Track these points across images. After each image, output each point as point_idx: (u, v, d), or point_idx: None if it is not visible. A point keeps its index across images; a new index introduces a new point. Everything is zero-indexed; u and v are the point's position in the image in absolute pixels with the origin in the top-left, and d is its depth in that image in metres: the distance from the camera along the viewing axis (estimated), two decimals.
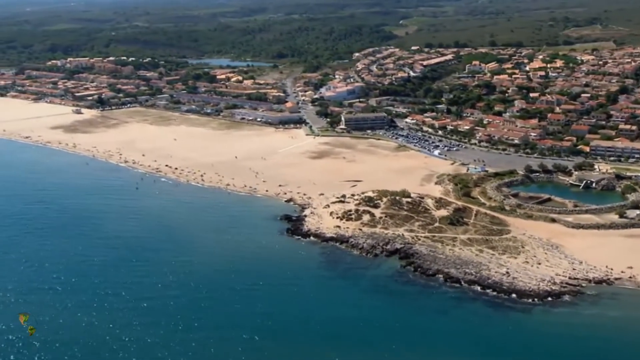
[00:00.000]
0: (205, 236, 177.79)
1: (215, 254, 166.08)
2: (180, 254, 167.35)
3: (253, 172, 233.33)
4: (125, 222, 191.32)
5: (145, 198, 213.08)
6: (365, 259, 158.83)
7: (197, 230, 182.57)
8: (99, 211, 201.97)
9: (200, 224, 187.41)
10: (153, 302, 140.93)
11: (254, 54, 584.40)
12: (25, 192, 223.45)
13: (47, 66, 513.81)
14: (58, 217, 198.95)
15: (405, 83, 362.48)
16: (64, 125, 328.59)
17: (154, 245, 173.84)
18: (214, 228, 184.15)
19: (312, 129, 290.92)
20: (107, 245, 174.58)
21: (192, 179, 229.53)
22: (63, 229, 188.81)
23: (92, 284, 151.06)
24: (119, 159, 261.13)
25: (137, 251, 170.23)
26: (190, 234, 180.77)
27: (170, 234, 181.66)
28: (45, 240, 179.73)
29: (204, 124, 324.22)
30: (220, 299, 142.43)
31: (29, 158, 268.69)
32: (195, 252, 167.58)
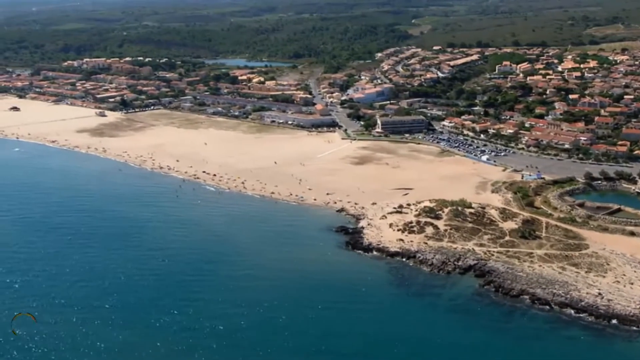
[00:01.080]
0: (262, 249, 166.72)
1: (277, 269, 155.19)
2: (239, 267, 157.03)
3: (295, 178, 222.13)
4: (173, 233, 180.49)
5: (189, 207, 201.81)
6: (437, 276, 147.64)
7: (252, 242, 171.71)
8: (142, 220, 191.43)
9: (253, 235, 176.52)
10: (224, 322, 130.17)
11: (270, 54, 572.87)
12: (62, 200, 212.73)
13: (63, 67, 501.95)
14: (101, 227, 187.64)
15: (435, 84, 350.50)
16: (90, 129, 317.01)
17: (210, 258, 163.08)
18: (269, 240, 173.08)
19: (348, 133, 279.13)
20: (160, 257, 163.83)
21: (233, 187, 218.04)
22: (109, 240, 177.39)
23: (152, 301, 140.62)
24: (152, 164, 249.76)
25: (194, 264, 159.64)
26: (244, 246, 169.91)
27: (223, 245, 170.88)
28: (93, 252, 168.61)
29: (233, 127, 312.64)
30: (295, 318, 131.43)
31: (60, 164, 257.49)
32: (256, 266, 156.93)
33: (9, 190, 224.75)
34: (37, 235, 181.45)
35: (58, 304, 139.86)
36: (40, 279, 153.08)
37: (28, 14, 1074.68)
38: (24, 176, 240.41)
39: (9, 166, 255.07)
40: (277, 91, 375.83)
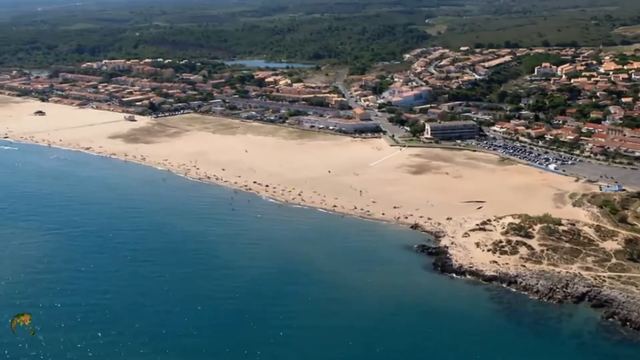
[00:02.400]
0: (340, 269, 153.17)
1: (363, 293, 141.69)
2: (322, 290, 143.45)
3: (354, 189, 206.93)
4: (241, 250, 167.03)
5: (249, 221, 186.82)
6: (548, 305, 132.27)
7: (327, 262, 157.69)
8: (203, 235, 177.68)
9: (326, 254, 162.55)
10: (328, 353, 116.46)
11: (289, 55, 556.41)
12: (114, 213, 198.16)
13: (82, 68, 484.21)
14: (161, 242, 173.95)
15: (473, 87, 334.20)
16: (122, 134, 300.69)
17: (287, 279, 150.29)
18: (345, 260, 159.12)
19: (396, 139, 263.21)
20: (233, 278, 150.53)
21: (290, 199, 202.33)
22: (172, 257, 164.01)
23: (239, 329, 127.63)
24: (197, 173, 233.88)
25: (274, 286, 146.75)
26: (320, 266, 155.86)
27: (298, 265, 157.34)
28: (157, 272, 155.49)
29: (271, 132, 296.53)
30: (396, 349, 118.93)
31: (101, 173, 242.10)
32: (339, 289, 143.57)
33: (59, 201, 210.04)
34: (97, 252, 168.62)
35: (140, 332, 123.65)
36: (112, 301, 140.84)
37: (34, 14, 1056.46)
38: (69, 187, 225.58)
39: (52, 176, 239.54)
40: (308, 94, 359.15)
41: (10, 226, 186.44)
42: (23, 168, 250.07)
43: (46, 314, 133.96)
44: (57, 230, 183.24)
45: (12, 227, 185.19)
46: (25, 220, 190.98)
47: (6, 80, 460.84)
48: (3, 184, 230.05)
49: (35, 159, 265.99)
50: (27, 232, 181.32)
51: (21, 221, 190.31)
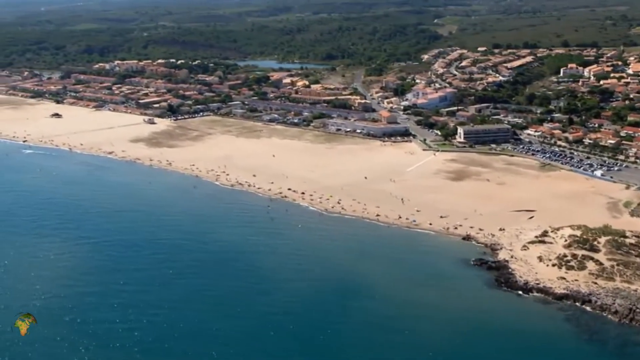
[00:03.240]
0: (396, 285, 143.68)
1: (431, 313, 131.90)
2: (384, 307, 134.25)
3: (395, 197, 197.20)
4: (288, 263, 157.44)
5: (290, 231, 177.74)
6: (631, 328, 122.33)
7: (381, 277, 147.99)
8: (244, 246, 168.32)
9: (377, 268, 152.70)
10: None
11: (302, 56, 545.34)
12: (149, 221, 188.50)
13: (94, 69, 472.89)
14: (202, 254, 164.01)
15: (499, 88, 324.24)
16: (143, 138, 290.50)
17: (346, 295, 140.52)
18: (399, 274, 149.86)
19: (428, 143, 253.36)
20: (287, 293, 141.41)
21: (329, 207, 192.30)
22: (218, 270, 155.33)
23: (309, 348, 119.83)
24: (227, 179, 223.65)
25: (331, 302, 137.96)
26: (374, 281, 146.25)
27: (352, 281, 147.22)
28: (208, 286, 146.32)
29: (297, 136, 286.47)
30: None
31: (128, 179, 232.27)
32: (404, 307, 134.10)
33: (90, 209, 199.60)
34: (139, 263, 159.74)
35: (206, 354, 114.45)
36: (167, 317, 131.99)
37: (38, 14, 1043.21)
38: (97, 193, 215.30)
39: (78, 182, 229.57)
40: (328, 96, 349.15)
41: (45, 236, 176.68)
42: (47, 174, 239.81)
43: (101, 331, 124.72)
44: (93, 240, 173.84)
45: (47, 237, 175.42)
46: (59, 229, 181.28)
47: (18, 82, 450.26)
48: (29, 190, 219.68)
49: (58, 163, 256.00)
50: (62, 242, 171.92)
51: (55, 230, 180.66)
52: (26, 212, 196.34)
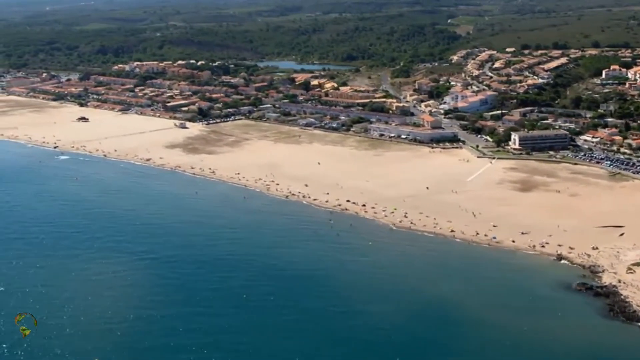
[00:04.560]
0: (498, 315, 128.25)
1: (543, 347, 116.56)
2: (488, 338, 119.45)
3: (464, 210, 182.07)
4: (367, 285, 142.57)
5: (361, 248, 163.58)
6: None
7: (478, 303, 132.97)
8: (315, 264, 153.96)
9: (471, 293, 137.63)
10: None
11: (321, 56, 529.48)
12: (204, 237, 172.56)
13: (113, 71, 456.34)
14: (272, 272, 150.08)
15: (540, 91, 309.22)
16: (179, 143, 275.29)
17: (440, 322, 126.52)
18: (496, 300, 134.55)
19: (482, 150, 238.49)
20: (375, 318, 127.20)
21: (397, 221, 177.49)
22: (292, 289, 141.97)
23: None
24: (278, 190, 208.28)
25: (426, 329, 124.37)
26: (472, 308, 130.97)
27: (442, 306, 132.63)
28: (284, 310, 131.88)
29: (339, 141, 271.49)
30: None
31: (173, 189, 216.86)
32: (511, 338, 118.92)
33: (141, 221, 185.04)
34: (207, 285, 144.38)
35: None
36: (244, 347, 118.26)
37: (44, 14, 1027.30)
38: (143, 205, 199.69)
39: (120, 192, 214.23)
40: (360, 98, 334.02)
41: (99, 250, 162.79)
42: (86, 182, 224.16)
43: None
44: (152, 256, 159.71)
45: (102, 251, 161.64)
46: (113, 243, 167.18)
47: (37, 84, 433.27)
48: (72, 200, 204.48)
49: (95, 171, 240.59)
50: (119, 258, 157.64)
51: (108, 244, 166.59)
52: (74, 225, 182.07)
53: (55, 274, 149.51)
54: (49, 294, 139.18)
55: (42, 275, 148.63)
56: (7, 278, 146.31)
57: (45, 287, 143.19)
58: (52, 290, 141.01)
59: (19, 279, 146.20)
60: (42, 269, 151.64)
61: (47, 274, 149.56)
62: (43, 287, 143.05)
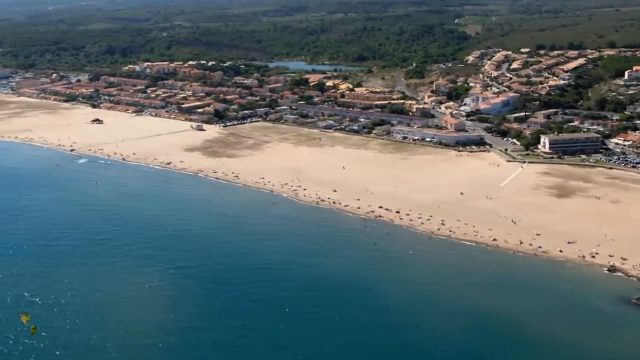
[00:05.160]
0: (563, 331, 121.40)
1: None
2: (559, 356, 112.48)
3: (503, 217, 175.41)
4: (419, 296, 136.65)
5: (404, 258, 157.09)
6: None
7: (540, 320, 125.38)
8: (358, 273, 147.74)
9: (529, 310, 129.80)
10: None
11: (331, 57, 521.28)
12: (237, 247, 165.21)
13: (124, 71, 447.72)
14: (313, 282, 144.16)
15: (563, 92, 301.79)
16: (197, 146, 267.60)
17: (507, 339, 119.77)
18: (559, 315, 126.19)
19: (510, 154, 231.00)
20: (432, 337, 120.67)
21: (434, 229, 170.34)
22: (339, 300, 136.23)
23: None
24: (306, 195, 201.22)
25: (498, 350, 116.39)
26: (533, 322, 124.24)
27: (506, 322, 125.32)
28: (332, 322, 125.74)
29: (361, 144, 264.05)
30: None
31: (197, 194, 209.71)
32: (582, 355, 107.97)
33: (169, 229, 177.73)
34: (250, 294, 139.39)
35: None
36: None
37: (48, 13, 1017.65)
38: (169, 211, 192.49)
39: (144, 197, 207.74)
40: (378, 100, 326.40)
41: (130, 257, 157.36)
42: (108, 187, 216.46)
43: None
44: (187, 265, 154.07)
45: (133, 259, 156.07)
46: (144, 251, 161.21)
47: (47, 85, 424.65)
48: (96, 205, 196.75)
49: (115, 175, 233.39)
50: (153, 268, 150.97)
51: (140, 252, 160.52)
52: (102, 232, 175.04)
53: (89, 284, 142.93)
54: (85, 306, 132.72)
55: (76, 286, 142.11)
56: (42, 289, 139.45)
57: (81, 298, 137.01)
58: (88, 302, 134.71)
59: (54, 291, 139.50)
60: (75, 279, 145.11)
61: (81, 284, 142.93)
62: (78, 298, 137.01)
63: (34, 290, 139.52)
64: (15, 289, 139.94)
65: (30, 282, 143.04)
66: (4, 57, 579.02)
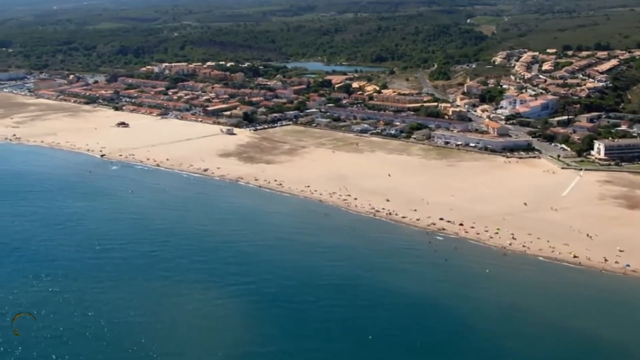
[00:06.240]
0: None
1: None
2: None
3: (575, 231, 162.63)
4: (527, 333, 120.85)
5: (482, 277, 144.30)
6: None
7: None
8: (438, 296, 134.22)
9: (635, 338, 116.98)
10: None
11: (349, 57, 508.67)
12: (297, 263, 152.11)
13: (142, 73, 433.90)
14: (391, 302, 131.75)
15: (602, 95, 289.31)
16: (231, 152, 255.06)
17: None
18: None
19: (563, 161, 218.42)
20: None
21: (505, 244, 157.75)
22: (424, 326, 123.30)
23: None
24: (358, 206, 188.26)
25: None
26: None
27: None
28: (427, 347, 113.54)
29: (402, 150, 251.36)
30: None
31: (239, 202, 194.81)
32: None
33: (224, 240, 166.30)
34: (324, 319, 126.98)
35: None
36: None
37: (54, 13, 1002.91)
38: (221, 221, 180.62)
39: (190, 206, 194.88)
40: (409, 102, 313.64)
41: (185, 273, 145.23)
42: (147, 195, 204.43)
43: None
44: (244, 281, 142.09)
45: (188, 275, 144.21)
46: (198, 265, 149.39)
47: (65, 86, 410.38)
48: (137, 215, 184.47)
49: (151, 182, 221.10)
50: (209, 284, 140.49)
51: (193, 266, 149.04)
52: (150, 243, 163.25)
53: (151, 301, 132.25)
54: (150, 325, 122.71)
55: (138, 303, 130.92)
56: (105, 307, 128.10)
57: (145, 317, 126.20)
58: (154, 321, 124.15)
59: (118, 309, 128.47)
60: (136, 296, 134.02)
61: (142, 301, 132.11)
62: (141, 316, 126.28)
63: (98, 309, 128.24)
64: (78, 308, 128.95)
65: (90, 299, 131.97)
66: (16, 57, 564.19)
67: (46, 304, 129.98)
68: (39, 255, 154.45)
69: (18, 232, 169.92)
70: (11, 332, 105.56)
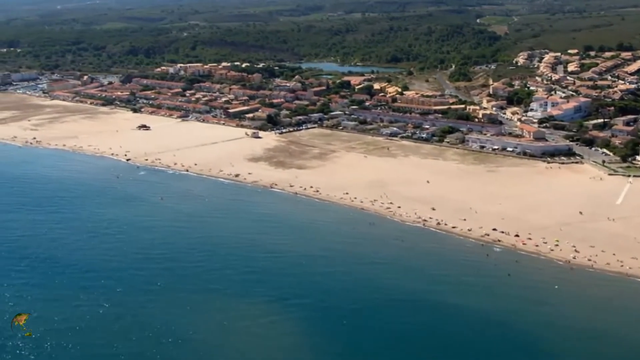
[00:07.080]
0: None
1: None
2: None
3: None
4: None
5: (553, 296, 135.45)
6: None
7: None
8: (512, 315, 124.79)
9: None
10: None
11: (363, 58, 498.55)
12: (348, 277, 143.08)
13: (157, 73, 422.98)
14: (458, 324, 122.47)
15: (636, 97, 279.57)
16: (260, 156, 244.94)
17: None
18: None
19: (609, 166, 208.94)
20: None
21: (569, 257, 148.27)
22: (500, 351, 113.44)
23: None
24: (402, 215, 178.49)
25: None
26: None
27: None
28: None
29: (437, 154, 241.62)
30: None
31: (279, 210, 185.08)
32: None
33: (269, 252, 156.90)
34: (385, 339, 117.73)
35: None
36: None
37: (58, 12, 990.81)
38: (264, 231, 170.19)
39: (228, 214, 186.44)
40: (434, 104, 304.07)
41: (234, 287, 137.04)
42: (182, 202, 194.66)
43: None
44: (301, 297, 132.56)
45: (238, 289, 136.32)
46: (247, 278, 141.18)
47: (79, 87, 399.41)
48: (174, 223, 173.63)
49: (182, 188, 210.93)
50: (262, 299, 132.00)
51: (242, 280, 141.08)
52: (193, 254, 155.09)
53: (205, 316, 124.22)
54: (208, 343, 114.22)
55: (191, 319, 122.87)
56: (157, 322, 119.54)
57: (202, 334, 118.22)
58: (210, 339, 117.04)
59: (174, 324, 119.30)
60: (188, 312, 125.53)
61: (195, 316, 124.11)
62: (199, 334, 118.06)
63: (149, 325, 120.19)
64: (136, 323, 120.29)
65: (141, 314, 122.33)
66: (25, 57, 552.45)
67: (102, 319, 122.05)
68: (82, 266, 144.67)
69: (55, 241, 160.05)
70: None
